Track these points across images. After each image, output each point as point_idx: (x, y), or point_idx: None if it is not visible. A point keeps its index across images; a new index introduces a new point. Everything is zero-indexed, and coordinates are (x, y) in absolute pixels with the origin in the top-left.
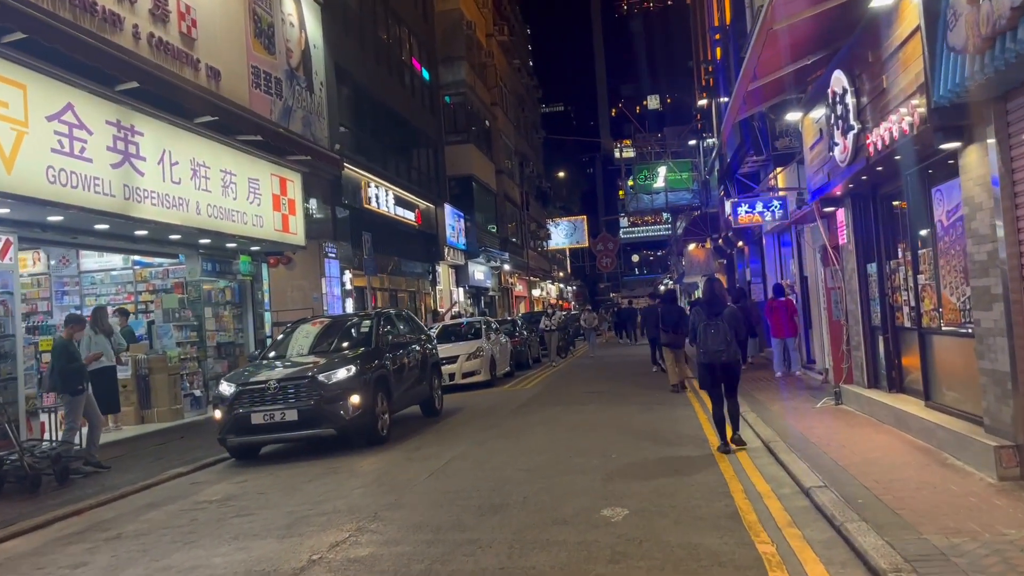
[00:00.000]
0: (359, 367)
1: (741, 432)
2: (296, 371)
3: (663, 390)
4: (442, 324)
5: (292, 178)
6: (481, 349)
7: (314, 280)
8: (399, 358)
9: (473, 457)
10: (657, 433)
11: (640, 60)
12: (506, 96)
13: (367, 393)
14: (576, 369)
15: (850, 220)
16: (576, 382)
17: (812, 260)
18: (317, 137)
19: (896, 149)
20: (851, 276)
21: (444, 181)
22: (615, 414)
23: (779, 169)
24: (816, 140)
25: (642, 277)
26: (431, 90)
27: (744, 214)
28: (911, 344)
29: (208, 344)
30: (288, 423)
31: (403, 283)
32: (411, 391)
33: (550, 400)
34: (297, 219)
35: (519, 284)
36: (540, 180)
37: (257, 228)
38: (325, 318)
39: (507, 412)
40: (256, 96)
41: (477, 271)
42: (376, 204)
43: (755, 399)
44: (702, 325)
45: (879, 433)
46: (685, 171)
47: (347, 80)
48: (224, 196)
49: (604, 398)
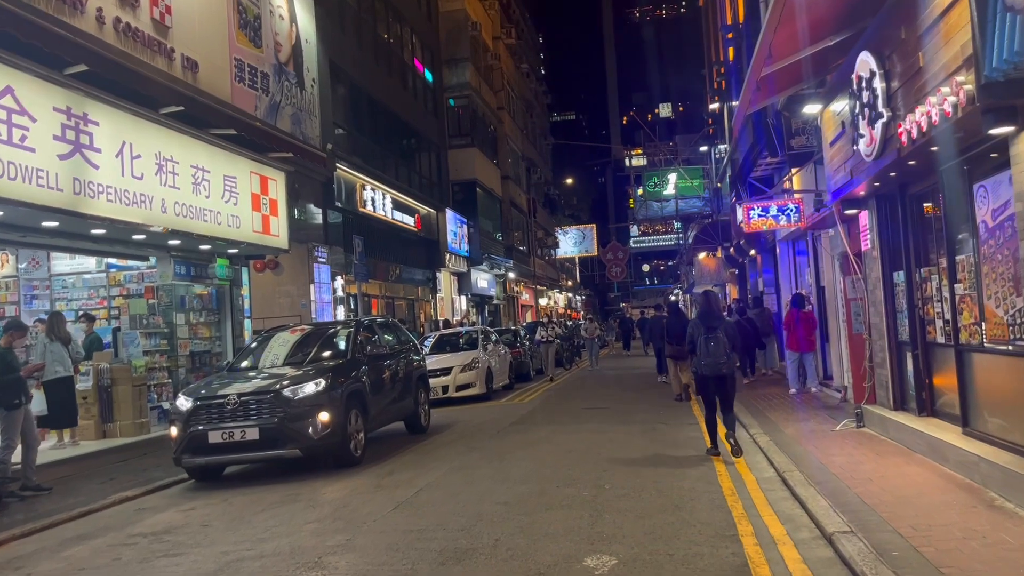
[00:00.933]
0: (329, 381)
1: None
2: (260, 385)
3: (668, 407)
4: (439, 333)
5: (275, 177)
6: (477, 360)
7: (303, 286)
8: (378, 371)
9: (448, 485)
10: (658, 458)
11: (652, 68)
12: (513, 100)
13: (338, 410)
14: (578, 383)
15: (874, 223)
16: (576, 397)
17: (830, 269)
18: (307, 136)
19: (934, 137)
20: (875, 286)
21: (447, 186)
22: (614, 435)
23: (794, 170)
24: (837, 135)
25: (652, 287)
26: (434, 92)
27: (757, 218)
28: (945, 362)
29: (180, 353)
30: (249, 443)
31: (401, 290)
32: (392, 407)
33: (546, 417)
34: (279, 220)
35: (525, 293)
36: (548, 187)
37: (233, 229)
38: (302, 327)
39: (498, 430)
40: (239, 90)
41: (480, 279)
42: (372, 208)
43: (768, 419)
44: (702, 338)
45: (910, 464)
46: (696, 178)
47: (343, 78)
48: (195, 194)
49: (603, 416)
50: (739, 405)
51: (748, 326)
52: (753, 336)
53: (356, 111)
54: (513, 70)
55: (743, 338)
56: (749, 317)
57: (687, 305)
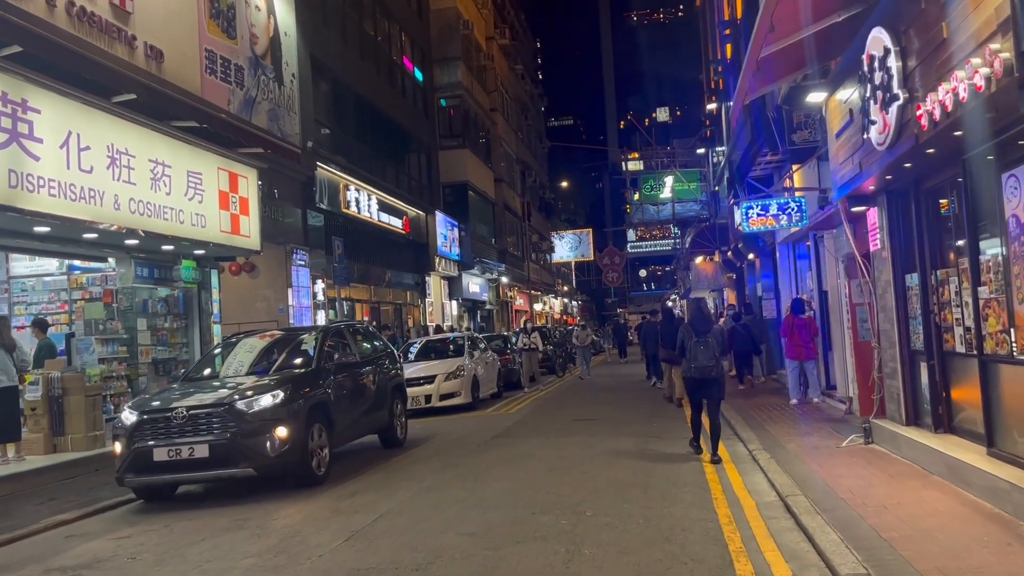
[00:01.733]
0: (289, 393)
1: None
2: (212, 397)
3: (662, 418)
4: (425, 339)
5: (245, 174)
6: (462, 368)
7: (280, 290)
8: (347, 381)
9: (413, 510)
10: (650, 478)
11: (649, 72)
12: (507, 102)
13: (298, 424)
14: (569, 392)
15: (885, 221)
16: (567, 406)
17: (834, 272)
18: (286, 133)
19: (959, 119)
20: (885, 289)
21: (437, 188)
22: (602, 450)
23: (795, 167)
24: (844, 125)
25: (650, 293)
26: (425, 92)
27: (756, 217)
28: (966, 374)
29: (141, 360)
30: (197, 461)
31: (389, 294)
32: (364, 419)
33: (531, 429)
34: (251, 220)
35: (519, 298)
36: (544, 191)
37: (198, 228)
38: (271, 332)
39: (478, 444)
40: (210, 83)
41: (472, 283)
42: (357, 209)
43: (768, 433)
44: (692, 342)
45: (928, 488)
46: (693, 181)
47: (325, 74)
48: (154, 190)
49: (593, 428)
50: (738, 417)
51: (744, 332)
52: (750, 342)
53: (340, 109)
54: (507, 71)
55: (738, 344)
56: (745, 324)
57: (684, 311)
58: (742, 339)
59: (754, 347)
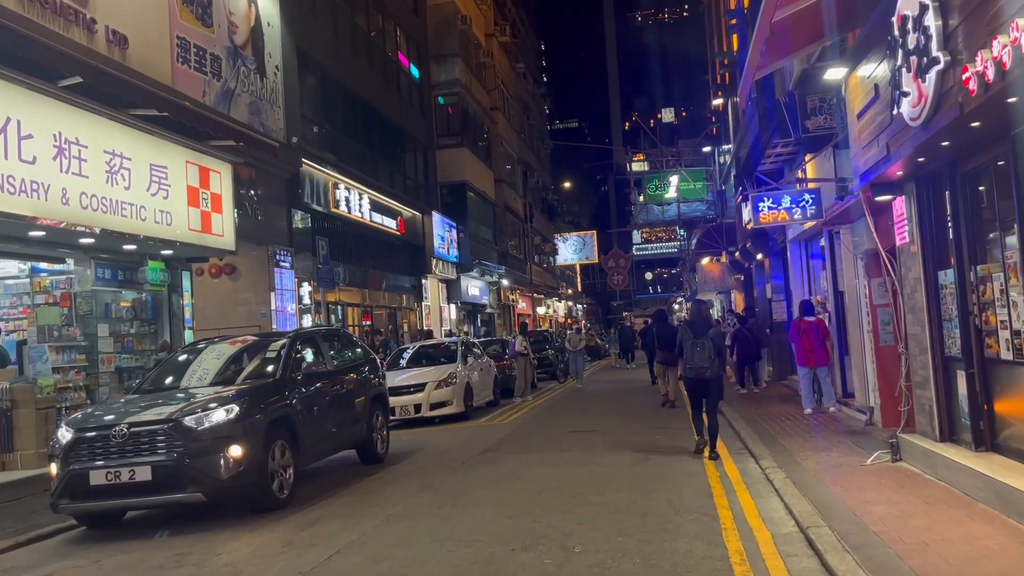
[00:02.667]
0: (246, 407)
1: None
2: (158, 412)
3: (668, 429)
4: (418, 344)
5: (218, 169)
6: (453, 376)
7: (263, 293)
8: (318, 392)
9: (375, 544)
10: (650, 502)
11: (654, 72)
12: (508, 101)
13: (255, 442)
14: (568, 400)
15: (914, 211)
16: (565, 416)
17: (851, 271)
18: (268, 127)
19: (1014, 82)
20: (914, 288)
21: (435, 188)
22: (598, 467)
23: (809, 158)
24: (868, 103)
25: (656, 296)
26: (421, 89)
27: (768, 211)
28: (1014, 384)
29: (103, 369)
30: (139, 485)
31: (382, 298)
32: (337, 434)
33: (524, 442)
34: (224, 218)
35: (522, 301)
36: (546, 192)
37: (163, 226)
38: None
39: (465, 459)
40: (182, 72)
41: (471, 286)
42: (347, 208)
43: (781, 447)
44: (689, 343)
45: (974, 519)
46: (699, 180)
47: (313, 68)
48: (110, 184)
49: (590, 441)
50: (748, 428)
51: (749, 335)
52: (753, 346)
53: (330, 104)
54: (508, 69)
55: (741, 348)
56: (749, 327)
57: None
58: (745, 342)
59: (756, 351)
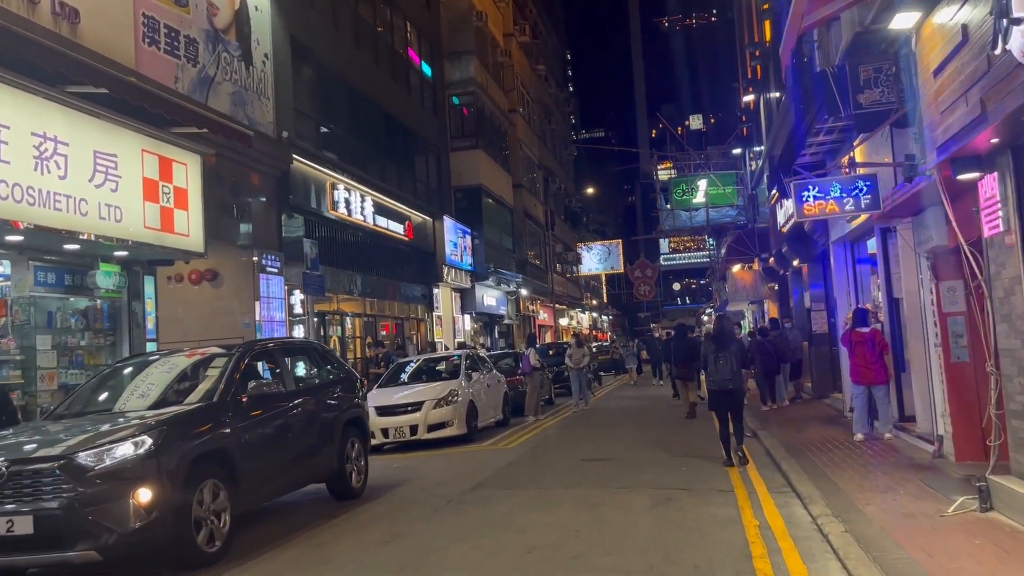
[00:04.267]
0: (163, 438)
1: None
2: (48, 447)
3: (696, 457)
4: (422, 358)
5: (183, 160)
6: (455, 393)
7: (247, 302)
8: (271, 417)
9: None
10: (671, 570)
11: (682, 79)
12: (528, 103)
13: (174, 483)
14: (586, 419)
15: (1010, 192)
16: (579, 440)
17: (912, 273)
18: (254, 120)
19: None
20: (1009, 291)
21: (448, 192)
22: (610, 511)
23: (858, 142)
24: (952, 51)
25: (683, 307)
26: (434, 88)
27: (813, 202)
28: None
29: (43, 387)
30: (18, 540)
31: (388, 307)
32: (298, 467)
33: (526, 474)
34: (191, 216)
35: (543, 312)
36: (569, 199)
37: (110, 223)
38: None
39: (451, 497)
40: (149, 55)
41: (487, 296)
42: (348, 212)
43: (833, 485)
44: (712, 356)
45: None
46: (729, 185)
47: (310, 60)
48: (40, 172)
49: (604, 473)
50: (789, 457)
51: (771, 348)
52: (775, 360)
53: (329, 100)
54: (528, 71)
55: (763, 361)
56: (771, 339)
57: None
58: (767, 356)
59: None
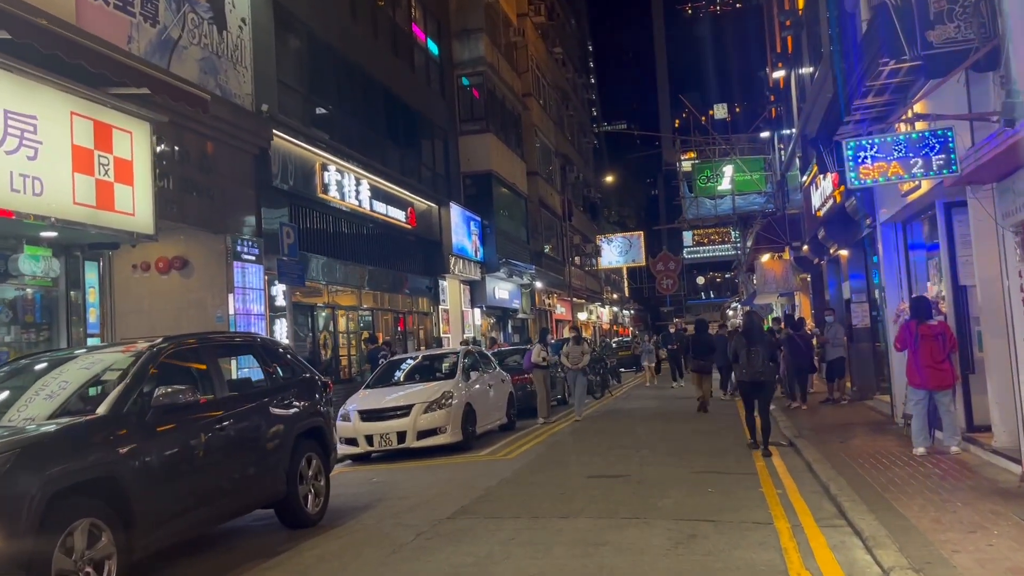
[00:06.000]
0: (10, 466)
1: None
2: None
3: (721, 473)
4: (421, 354)
5: (128, 127)
6: (449, 395)
7: (220, 293)
8: (190, 432)
9: None
10: None
11: (706, 67)
12: (544, 87)
13: (29, 525)
14: (601, 423)
15: None
16: (588, 450)
17: (992, 254)
18: (228, 90)
19: None
20: None
21: (457, 178)
22: (616, 553)
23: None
24: None
25: (708, 301)
26: (441, 67)
27: (872, 164)
28: None
29: None
30: None
31: (387, 300)
32: (226, 493)
33: (520, 496)
34: (137, 192)
35: (560, 306)
36: (588, 189)
37: (25, 197)
38: (129, 345)
39: (422, 529)
40: (96, 10)
41: (499, 289)
42: (340, 195)
43: (902, 519)
44: (744, 350)
45: None
46: (756, 171)
47: (297, 29)
48: None
49: (613, 496)
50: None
51: (803, 345)
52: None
53: (320, 74)
54: (544, 53)
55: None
56: (802, 334)
57: None
58: (799, 352)
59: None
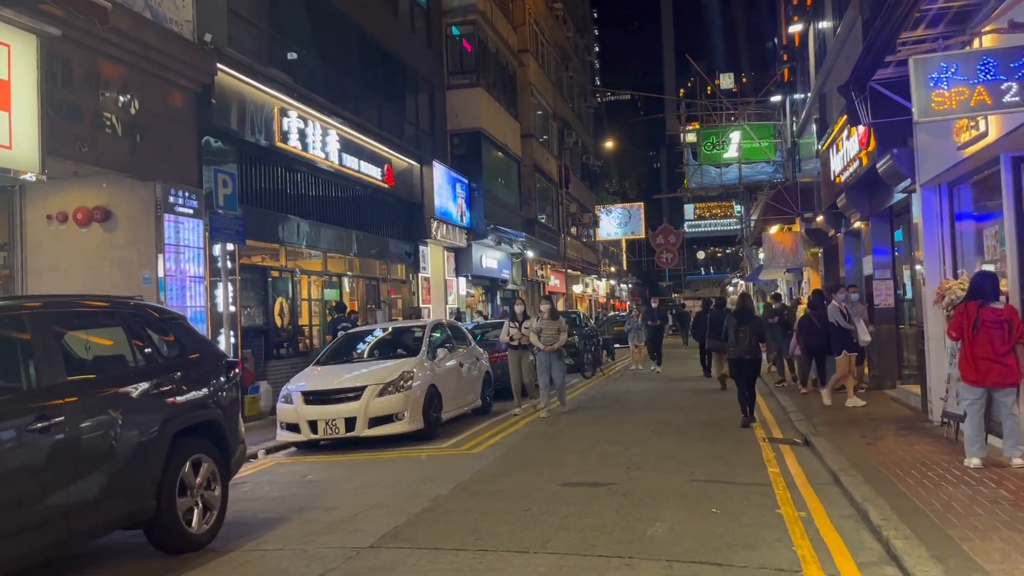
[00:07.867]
0: None
1: None
2: None
3: (724, 480)
4: (388, 327)
5: (6, 40)
6: (408, 376)
7: (148, 251)
8: None
9: None
10: None
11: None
12: (542, 44)
13: None
14: (587, 413)
15: None
16: (567, 448)
17: None
18: (161, 15)
19: None
20: None
21: (443, 135)
22: None
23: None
24: None
25: (707, 277)
26: (428, 14)
27: (949, 90)
28: None
29: None
30: None
31: (362, 266)
32: (59, 515)
33: (471, 512)
34: (16, 120)
35: (554, 277)
36: (587, 156)
37: None
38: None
39: (330, 564)
40: None
41: (487, 257)
42: (303, 146)
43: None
44: (733, 329)
45: None
46: (765, 138)
47: None
48: None
49: (588, 520)
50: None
51: (820, 325)
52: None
53: (282, 8)
54: (543, 8)
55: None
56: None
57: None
58: (815, 332)
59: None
